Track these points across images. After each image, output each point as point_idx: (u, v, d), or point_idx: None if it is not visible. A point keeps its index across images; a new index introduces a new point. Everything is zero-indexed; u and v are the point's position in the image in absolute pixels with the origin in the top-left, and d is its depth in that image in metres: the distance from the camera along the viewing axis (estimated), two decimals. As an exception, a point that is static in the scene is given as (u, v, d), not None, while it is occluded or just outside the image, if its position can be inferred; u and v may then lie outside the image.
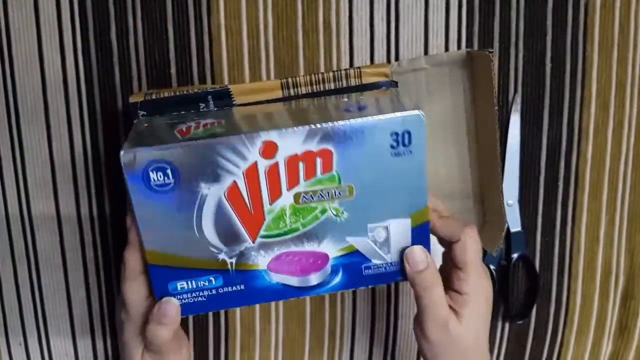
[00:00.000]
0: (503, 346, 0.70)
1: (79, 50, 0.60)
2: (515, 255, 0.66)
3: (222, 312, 0.67)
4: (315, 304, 0.67)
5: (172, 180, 0.45)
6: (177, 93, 0.53)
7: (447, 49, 0.62)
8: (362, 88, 0.54)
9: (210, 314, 0.67)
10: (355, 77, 0.54)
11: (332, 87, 0.54)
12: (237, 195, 0.46)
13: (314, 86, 0.54)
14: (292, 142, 0.45)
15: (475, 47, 0.62)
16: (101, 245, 0.65)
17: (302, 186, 0.46)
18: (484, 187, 0.63)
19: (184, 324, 0.66)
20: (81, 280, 0.66)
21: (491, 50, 0.56)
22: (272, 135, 0.44)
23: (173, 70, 0.61)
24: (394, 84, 0.54)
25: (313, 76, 0.54)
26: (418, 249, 0.50)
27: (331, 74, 0.54)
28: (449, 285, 0.52)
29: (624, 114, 0.64)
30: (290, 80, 0.54)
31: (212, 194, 0.46)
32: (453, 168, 0.63)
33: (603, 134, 0.65)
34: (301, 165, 0.46)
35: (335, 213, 0.48)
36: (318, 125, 0.44)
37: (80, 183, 0.63)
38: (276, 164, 0.45)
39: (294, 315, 0.68)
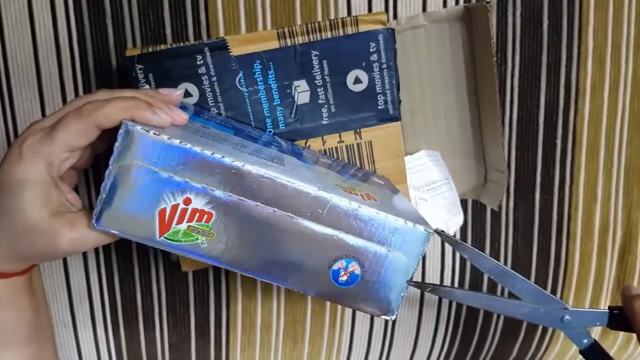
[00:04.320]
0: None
1: (71, 10, 0.53)
2: None
3: (223, 280, 0.61)
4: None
5: None
6: (174, 45, 0.47)
7: (445, 7, 0.56)
8: (360, 37, 0.49)
9: (211, 281, 0.61)
10: (352, 25, 0.48)
11: (329, 35, 0.48)
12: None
13: (311, 35, 0.48)
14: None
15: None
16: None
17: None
18: (484, 145, 0.57)
19: (184, 282, 0.61)
20: (80, 265, 0.60)
21: (488, 1, 0.51)
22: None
23: (168, 31, 0.54)
24: (391, 31, 0.49)
25: (310, 25, 0.48)
26: None
27: (327, 22, 0.48)
28: None
29: (619, 71, 0.59)
30: (286, 29, 0.48)
31: None
32: (454, 126, 0.58)
33: (599, 91, 0.60)
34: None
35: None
36: None
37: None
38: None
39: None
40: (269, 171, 0.40)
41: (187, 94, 0.48)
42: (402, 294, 0.43)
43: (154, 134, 0.38)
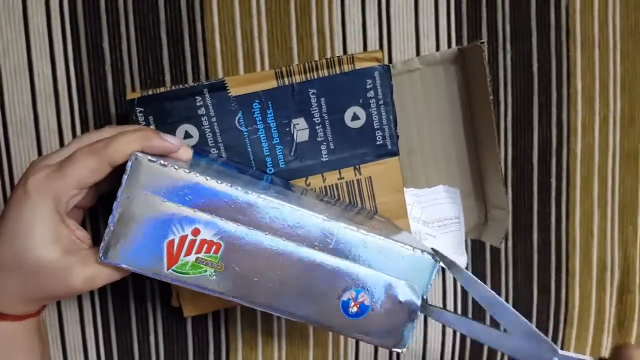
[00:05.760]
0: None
1: (70, 60, 0.53)
2: None
3: (222, 329, 0.58)
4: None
5: None
6: (174, 87, 0.46)
7: (438, 50, 0.56)
8: (356, 74, 0.48)
9: (210, 329, 0.58)
10: (348, 63, 0.48)
11: (326, 73, 0.48)
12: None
13: (308, 74, 0.48)
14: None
15: (463, 50, 0.56)
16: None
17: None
18: (484, 183, 0.56)
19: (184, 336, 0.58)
20: (76, 316, 0.57)
21: (482, 40, 0.51)
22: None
23: (167, 77, 0.54)
24: (386, 67, 0.48)
25: (307, 64, 0.48)
26: None
27: (324, 61, 0.48)
28: None
29: (608, 110, 0.59)
30: (284, 69, 0.47)
31: None
32: (452, 166, 0.57)
33: (590, 130, 0.59)
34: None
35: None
36: None
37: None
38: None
39: (297, 328, 0.59)
40: (277, 200, 0.38)
41: (187, 135, 0.47)
42: (414, 324, 0.41)
43: (162, 164, 0.37)
